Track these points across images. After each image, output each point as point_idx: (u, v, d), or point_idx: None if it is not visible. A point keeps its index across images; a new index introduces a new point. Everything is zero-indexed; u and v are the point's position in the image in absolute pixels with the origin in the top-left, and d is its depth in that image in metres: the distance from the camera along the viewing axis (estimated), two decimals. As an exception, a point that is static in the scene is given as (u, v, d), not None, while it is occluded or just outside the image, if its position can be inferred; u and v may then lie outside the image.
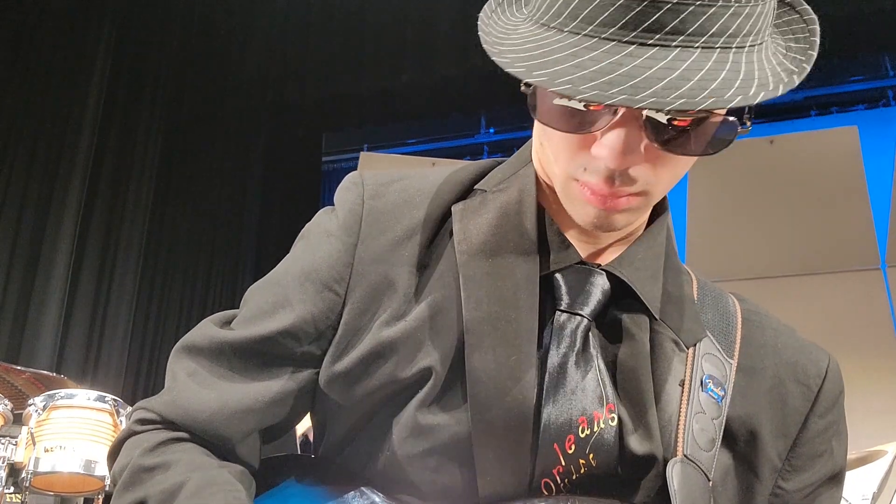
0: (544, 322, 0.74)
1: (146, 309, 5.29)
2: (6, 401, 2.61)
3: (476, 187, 0.82)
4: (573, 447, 0.70)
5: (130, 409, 0.84)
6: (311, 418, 0.84)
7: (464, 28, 5.12)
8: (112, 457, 0.79)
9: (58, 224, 4.72)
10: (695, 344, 0.78)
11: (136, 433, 0.77)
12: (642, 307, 0.76)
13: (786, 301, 4.55)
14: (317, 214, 0.84)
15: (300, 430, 2.30)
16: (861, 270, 4.93)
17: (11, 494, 2.57)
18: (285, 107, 6.10)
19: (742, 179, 5.13)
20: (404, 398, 0.74)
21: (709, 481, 0.73)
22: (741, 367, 0.80)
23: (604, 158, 0.66)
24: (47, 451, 2.54)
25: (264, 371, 0.78)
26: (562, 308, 0.74)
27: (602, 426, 0.70)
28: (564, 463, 0.70)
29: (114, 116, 5.19)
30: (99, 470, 2.57)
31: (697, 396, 0.75)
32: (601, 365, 0.73)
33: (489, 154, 6.53)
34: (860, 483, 2.32)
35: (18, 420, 2.65)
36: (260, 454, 0.81)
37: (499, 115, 6.46)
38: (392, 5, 5.36)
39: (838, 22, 4.51)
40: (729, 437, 0.77)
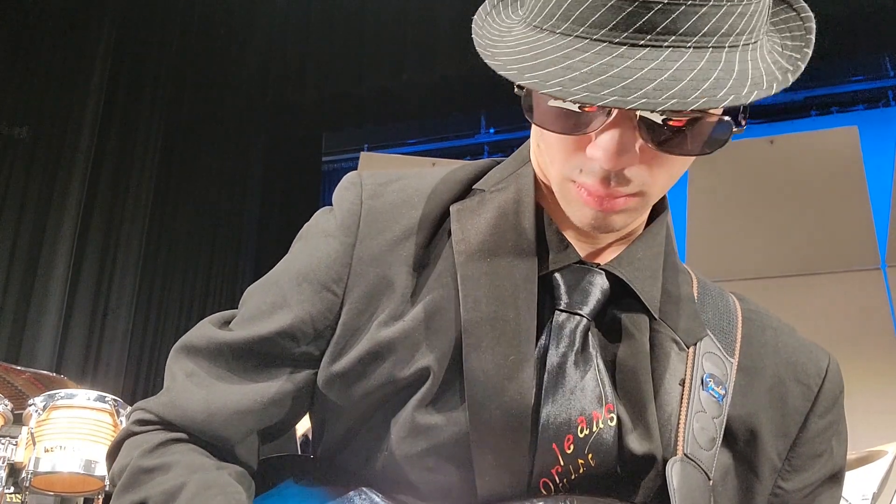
0: (543, 322, 0.74)
1: (146, 309, 5.29)
2: (6, 401, 2.61)
3: (474, 187, 0.81)
4: (572, 447, 0.70)
5: (130, 410, 0.83)
6: (310, 418, 0.84)
7: (464, 28, 5.06)
8: (111, 457, 0.79)
9: (58, 224, 4.72)
10: (695, 343, 0.78)
11: (135, 434, 0.77)
12: (642, 306, 0.76)
13: (786, 301, 4.55)
14: (315, 214, 0.84)
15: (300, 431, 2.30)
16: (861, 270, 4.93)
17: (11, 494, 2.57)
18: (285, 107, 6.09)
19: (742, 179, 5.12)
20: (402, 398, 0.74)
21: (709, 480, 0.73)
22: (741, 367, 0.80)
23: (598, 159, 0.66)
24: (47, 451, 2.54)
25: (262, 372, 0.77)
26: (561, 308, 0.74)
27: (601, 426, 0.70)
28: (563, 463, 0.70)
29: (114, 116, 5.19)
30: (99, 470, 2.57)
31: (698, 395, 0.75)
32: (600, 365, 0.73)
33: (489, 154, 6.53)
34: (860, 483, 2.32)
35: (18, 420, 2.65)
36: (259, 455, 0.80)
37: (499, 115, 6.45)
38: (392, 5, 5.35)
39: (838, 22, 4.50)
40: (729, 437, 0.77)
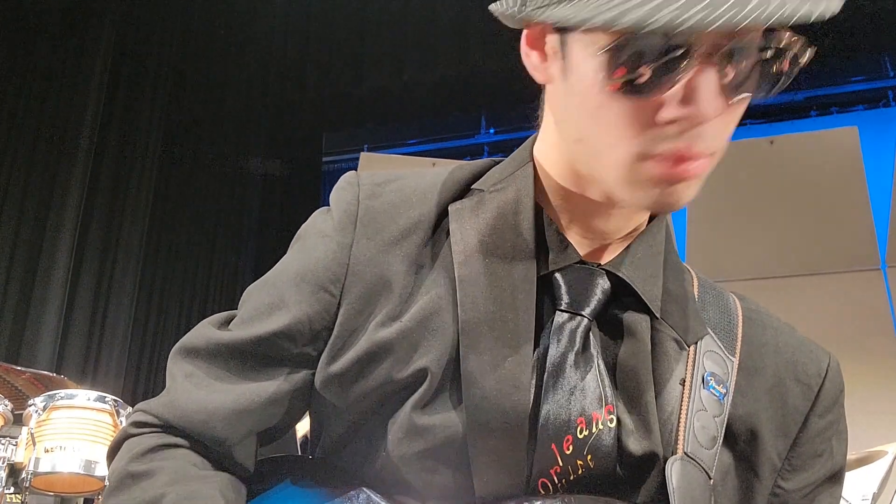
0: (544, 322, 0.74)
1: (146, 309, 5.29)
2: (6, 401, 2.61)
3: (473, 187, 0.81)
4: (571, 448, 0.70)
5: (131, 410, 0.84)
6: (309, 419, 0.84)
7: (464, 27, 5.12)
8: (110, 458, 0.79)
9: (58, 224, 4.72)
10: (696, 342, 0.78)
11: (132, 436, 0.77)
12: (643, 306, 0.76)
13: (786, 301, 4.54)
14: (312, 215, 0.83)
15: (301, 432, 2.30)
16: (861, 270, 4.92)
17: (11, 495, 2.57)
18: (285, 107, 6.10)
19: (742, 179, 5.11)
20: (400, 399, 0.74)
21: (709, 479, 0.72)
22: (742, 366, 0.79)
23: (688, 116, 0.63)
24: (47, 452, 2.54)
25: (260, 372, 0.77)
26: (562, 308, 0.74)
27: (600, 427, 0.70)
28: (562, 463, 0.70)
29: (114, 116, 5.19)
30: (99, 470, 2.56)
31: (699, 394, 0.75)
32: (601, 365, 0.73)
33: (489, 154, 6.52)
34: (860, 483, 2.32)
35: (18, 420, 2.65)
36: (256, 457, 0.80)
37: (499, 115, 6.45)
38: (392, 5, 5.35)
39: (838, 22, 4.49)
40: (729, 437, 0.77)
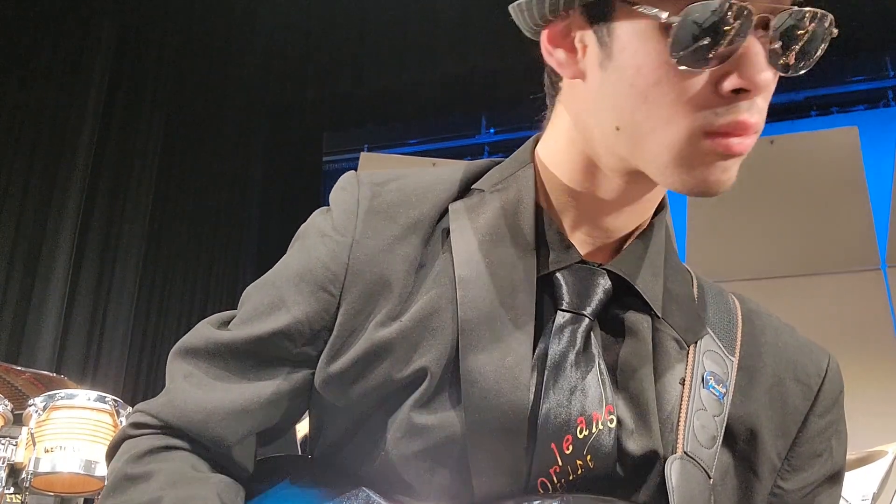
0: (545, 322, 0.74)
1: (146, 309, 5.28)
2: (6, 401, 2.61)
3: (473, 187, 0.81)
4: (570, 448, 0.69)
5: (131, 410, 0.84)
6: (308, 419, 0.84)
7: (464, 28, 5.12)
8: (109, 459, 0.79)
9: (58, 224, 4.72)
10: (696, 341, 0.78)
11: (130, 437, 0.77)
12: (644, 306, 0.76)
13: (786, 301, 4.54)
14: (312, 214, 0.83)
15: (301, 433, 2.30)
16: (861, 270, 4.92)
17: (11, 495, 2.57)
18: (285, 107, 6.10)
19: (742, 179, 5.07)
20: (399, 398, 0.73)
21: (709, 479, 0.72)
22: (742, 366, 0.79)
23: (746, 86, 0.64)
24: (47, 452, 2.53)
25: (260, 372, 0.77)
26: (563, 307, 0.74)
27: (600, 427, 0.70)
28: (561, 463, 0.70)
29: (114, 116, 5.19)
30: (99, 470, 2.56)
31: (699, 393, 0.75)
32: (602, 365, 0.73)
33: (489, 154, 6.52)
34: (860, 483, 2.32)
35: (18, 420, 2.65)
36: (255, 458, 0.80)
37: (499, 115, 6.45)
38: (392, 5, 5.35)
39: (838, 22, 4.50)
40: (729, 436, 0.77)
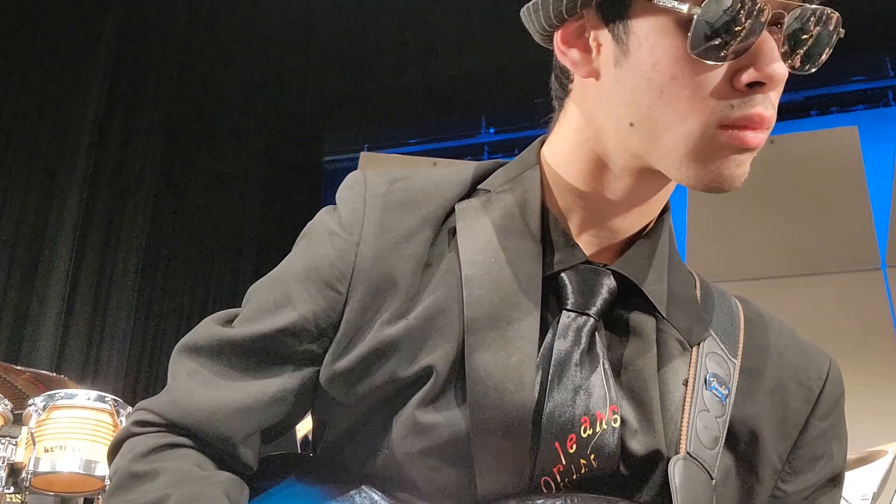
0: (550, 321, 0.74)
1: (146, 309, 5.29)
2: (6, 401, 2.61)
3: (479, 187, 0.81)
4: (574, 447, 0.70)
5: (132, 409, 0.83)
6: (312, 417, 0.84)
7: (464, 28, 5.12)
8: (110, 457, 0.79)
9: (58, 224, 4.72)
10: (699, 343, 0.78)
11: (134, 435, 0.77)
12: (649, 306, 0.76)
13: (786, 301, 4.55)
14: (319, 213, 0.83)
15: (301, 432, 2.30)
16: (861, 270, 4.93)
17: (11, 494, 2.57)
18: (285, 107, 6.10)
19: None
20: (404, 397, 0.74)
21: (711, 479, 0.73)
22: (744, 368, 0.80)
23: (762, 79, 0.65)
24: (47, 451, 2.53)
25: (265, 369, 0.77)
26: (568, 307, 0.74)
27: (604, 427, 0.70)
28: (565, 462, 0.70)
29: (115, 116, 5.19)
30: (99, 470, 2.56)
31: (701, 394, 0.75)
32: (606, 365, 0.73)
33: (490, 154, 6.53)
34: (860, 483, 2.32)
35: (18, 420, 2.65)
36: (258, 457, 0.80)
37: (499, 115, 6.46)
38: (392, 5, 5.36)
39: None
40: (731, 438, 0.77)
